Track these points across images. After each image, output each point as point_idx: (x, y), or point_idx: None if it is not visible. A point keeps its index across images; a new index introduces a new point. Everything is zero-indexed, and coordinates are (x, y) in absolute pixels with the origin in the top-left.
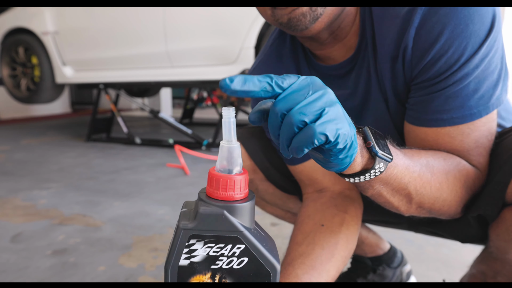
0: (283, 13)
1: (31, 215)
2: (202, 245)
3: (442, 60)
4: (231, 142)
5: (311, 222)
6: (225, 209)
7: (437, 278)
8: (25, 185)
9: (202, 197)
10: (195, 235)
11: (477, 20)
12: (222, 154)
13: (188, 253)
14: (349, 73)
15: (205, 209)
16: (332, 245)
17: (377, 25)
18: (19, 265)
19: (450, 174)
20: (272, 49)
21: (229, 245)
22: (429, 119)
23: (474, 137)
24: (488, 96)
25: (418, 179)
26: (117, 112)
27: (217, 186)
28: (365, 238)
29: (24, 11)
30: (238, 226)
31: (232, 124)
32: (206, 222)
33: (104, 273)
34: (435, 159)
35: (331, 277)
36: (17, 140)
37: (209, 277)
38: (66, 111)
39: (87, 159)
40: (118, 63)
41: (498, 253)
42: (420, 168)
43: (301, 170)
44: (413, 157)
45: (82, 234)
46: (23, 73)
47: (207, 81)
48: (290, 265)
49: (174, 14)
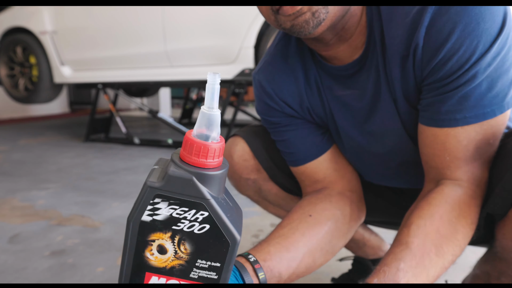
0: (286, 19)
1: (29, 216)
2: (167, 205)
3: (453, 59)
4: (213, 109)
5: (300, 211)
6: (194, 175)
7: (439, 279)
8: (23, 186)
9: (175, 159)
10: (160, 194)
11: (488, 18)
12: (201, 120)
13: (152, 211)
14: (358, 73)
15: (175, 171)
16: (313, 235)
17: (386, 25)
18: (17, 266)
19: (459, 232)
20: (277, 49)
21: (193, 210)
22: (443, 119)
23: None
24: (502, 95)
25: (432, 277)
26: (116, 112)
27: (190, 151)
28: (367, 240)
29: (22, 10)
30: (205, 193)
31: (216, 91)
32: (173, 184)
33: (103, 274)
34: (442, 231)
35: (305, 264)
36: (15, 140)
37: (169, 236)
38: (65, 111)
39: (85, 160)
40: (116, 63)
41: (503, 252)
42: (430, 262)
43: (303, 171)
44: (423, 256)
45: (81, 235)
46: (21, 73)
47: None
48: (265, 242)
49: (173, 14)
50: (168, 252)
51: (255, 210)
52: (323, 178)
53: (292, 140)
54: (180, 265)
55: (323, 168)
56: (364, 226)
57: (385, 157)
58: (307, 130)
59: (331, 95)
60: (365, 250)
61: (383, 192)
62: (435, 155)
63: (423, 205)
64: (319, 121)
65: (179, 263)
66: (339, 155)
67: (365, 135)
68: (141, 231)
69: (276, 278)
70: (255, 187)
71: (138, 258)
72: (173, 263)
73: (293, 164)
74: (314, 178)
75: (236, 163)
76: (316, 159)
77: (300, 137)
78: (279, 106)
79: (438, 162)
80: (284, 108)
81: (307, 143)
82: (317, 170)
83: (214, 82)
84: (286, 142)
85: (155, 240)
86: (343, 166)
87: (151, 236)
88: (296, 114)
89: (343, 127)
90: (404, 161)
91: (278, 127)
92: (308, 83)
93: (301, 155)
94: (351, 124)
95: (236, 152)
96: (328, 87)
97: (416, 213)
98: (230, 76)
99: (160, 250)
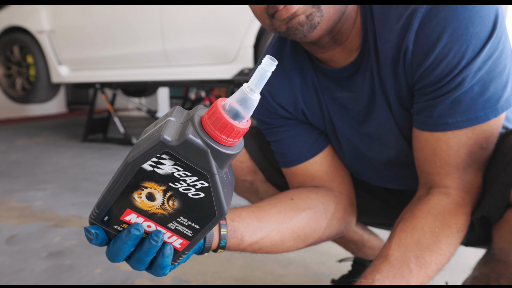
0: (281, 23)
1: (26, 217)
2: (172, 163)
3: (442, 64)
4: (254, 93)
5: (284, 194)
6: (210, 149)
7: (439, 281)
8: (20, 186)
9: (196, 122)
10: (170, 153)
11: (477, 22)
12: (239, 98)
13: (155, 163)
14: (354, 75)
15: (193, 138)
16: (288, 216)
17: (378, 28)
18: (14, 267)
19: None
20: (273, 51)
21: (195, 178)
22: (434, 123)
23: (468, 147)
24: (496, 99)
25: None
26: (114, 112)
27: (216, 124)
28: (366, 241)
29: (19, 9)
30: (213, 168)
31: (266, 77)
32: (187, 150)
33: (101, 275)
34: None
35: (270, 239)
36: (12, 141)
37: (162, 189)
38: (62, 111)
39: (83, 160)
40: (114, 62)
41: (501, 255)
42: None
43: (293, 172)
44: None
45: (78, 236)
46: (18, 73)
47: (205, 80)
48: (240, 208)
49: (171, 13)
50: (156, 201)
51: None
52: (312, 179)
53: (285, 141)
54: (162, 214)
55: (313, 170)
56: (364, 227)
57: (382, 159)
58: (300, 131)
59: (329, 97)
60: (364, 251)
61: (381, 194)
62: (426, 160)
63: (407, 218)
64: (316, 123)
65: (162, 213)
66: (332, 158)
67: (363, 137)
68: (137, 175)
69: (237, 239)
70: (252, 189)
71: (124, 195)
72: (156, 211)
73: (284, 165)
74: (303, 179)
75: (232, 165)
76: (307, 161)
77: (292, 138)
78: (273, 108)
79: (428, 168)
80: (278, 110)
81: (299, 144)
82: (307, 171)
83: (267, 68)
84: (279, 142)
85: (147, 187)
86: (335, 169)
87: (145, 182)
88: (290, 115)
89: (340, 129)
90: (401, 163)
91: (272, 128)
92: (306, 85)
93: (292, 156)
94: (348, 126)
95: None
96: (326, 88)
97: (400, 226)
98: (229, 75)
99: (149, 197)
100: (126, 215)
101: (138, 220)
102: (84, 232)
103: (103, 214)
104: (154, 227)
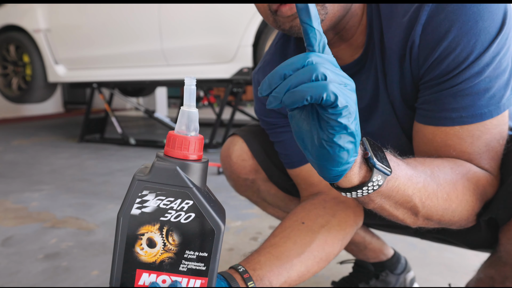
0: (285, 20)
1: (22, 218)
2: (154, 196)
3: (450, 58)
4: (191, 107)
5: (293, 219)
6: (178, 165)
7: (441, 283)
8: (16, 187)
9: (160, 155)
10: (148, 186)
11: (487, 17)
12: (181, 118)
13: (140, 203)
14: (358, 73)
15: (160, 163)
16: (306, 243)
17: (385, 24)
18: (10, 269)
19: (458, 183)
20: (276, 48)
21: (179, 200)
22: (438, 117)
23: (484, 140)
24: (499, 96)
25: (423, 190)
26: (111, 112)
27: (173, 145)
28: (368, 243)
29: (15, 8)
30: (188, 182)
31: (193, 91)
32: (159, 175)
33: (98, 277)
34: (441, 169)
35: (297, 272)
36: (8, 141)
37: (157, 228)
38: (59, 111)
39: (80, 161)
40: (112, 62)
41: (508, 257)
42: (424, 178)
43: (298, 173)
44: (416, 167)
45: (75, 238)
46: (14, 72)
47: (204, 80)
48: (256, 252)
49: (169, 11)
50: (157, 245)
51: (253, 212)
52: (319, 181)
53: (288, 142)
54: (169, 258)
55: None
56: (365, 229)
57: None
58: None
59: None
60: (366, 253)
61: None
62: (438, 151)
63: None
64: None
65: (168, 256)
66: None
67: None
68: (131, 226)
69: (267, 286)
70: (253, 188)
71: (128, 254)
72: (162, 257)
73: (289, 166)
74: (309, 181)
75: (234, 163)
76: None
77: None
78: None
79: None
80: (281, 108)
81: None
82: (312, 173)
83: (191, 83)
84: (282, 143)
85: (144, 234)
86: None
87: (140, 229)
88: None
89: None
90: None
91: (275, 128)
92: None
93: (296, 157)
94: None
95: (235, 152)
96: None
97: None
98: (228, 75)
99: (150, 243)
100: (139, 279)
101: (151, 279)
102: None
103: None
104: (168, 280)
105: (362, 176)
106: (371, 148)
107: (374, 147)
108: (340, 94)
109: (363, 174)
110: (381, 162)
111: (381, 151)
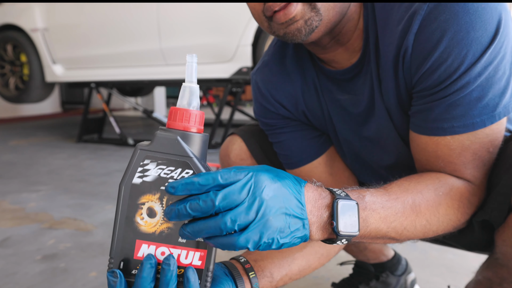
0: (280, 27)
1: (20, 219)
2: (155, 166)
3: (441, 69)
4: (192, 83)
5: None
6: (179, 135)
7: (441, 284)
8: (13, 188)
9: (162, 128)
10: (149, 155)
11: (479, 27)
12: (183, 93)
13: (142, 172)
14: (355, 77)
15: (161, 133)
16: None
17: (380, 33)
18: (7, 270)
19: (441, 206)
20: (275, 49)
21: (179, 169)
22: (430, 127)
23: (473, 150)
24: (493, 105)
25: (398, 226)
26: (109, 112)
27: (175, 118)
28: (368, 244)
29: (12, 7)
30: (189, 152)
31: (194, 68)
32: (161, 145)
33: (96, 279)
34: (424, 194)
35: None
36: (5, 141)
37: (158, 198)
38: (56, 111)
39: (78, 161)
40: (110, 61)
41: (504, 259)
42: (403, 211)
43: (297, 173)
44: (397, 199)
45: (73, 239)
46: (12, 72)
47: (203, 79)
48: None
49: (168, 10)
50: (157, 215)
51: None
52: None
53: (287, 142)
54: (168, 229)
55: (317, 172)
56: None
57: (383, 163)
58: (302, 132)
59: (330, 98)
60: (366, 254)
61: None
62: (428, 161)
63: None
64: (317, 124)
65: (168, 227)
66: (335, 159)
67: (362, 140)
68: (132, 195)
69: (267, 278)
70: None
71: (129, 224)
72: (162, 227)
73: (289, 167)
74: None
75: (233, 162)
76: (310, 163)
77: (295, 139)
78: (275, 108)
79: (433, 167)
80: (279, 109)
81: (302, 145)
82: (311, 173)
83: (193, 60)
84: (281, 144)
85: (144, 203)
86: (339, 171)
87: (141, 198)
88: (292, 115)
89: (341, 131)
90: (402, 167)
91: (274, 129)
92: (307, 85)
93: (295, 157)
94: (349, 128)
95: (233, 151)
96: (327, 90)
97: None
98: (227, 74)
99: (150, 213)
100: (138, 250)
101: (150, 250)
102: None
103: (118, 259)
104: (167, 251)
105: (327, 236)
106: (340, 209)
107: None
108: (250, 241)
109: (327, 235)
110: (345, 227)
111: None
